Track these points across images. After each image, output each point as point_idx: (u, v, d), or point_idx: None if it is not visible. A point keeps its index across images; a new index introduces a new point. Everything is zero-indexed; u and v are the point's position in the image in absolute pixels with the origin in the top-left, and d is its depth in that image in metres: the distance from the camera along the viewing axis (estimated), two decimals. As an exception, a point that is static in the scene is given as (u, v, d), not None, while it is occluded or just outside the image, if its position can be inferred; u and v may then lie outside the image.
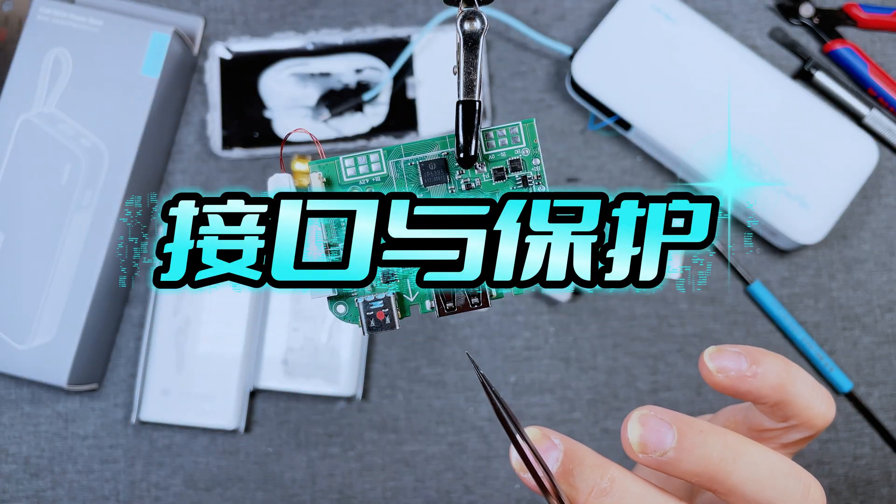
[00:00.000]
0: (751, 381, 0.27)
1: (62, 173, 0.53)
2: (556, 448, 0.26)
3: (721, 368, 0.27)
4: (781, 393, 0.27)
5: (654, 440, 0.25)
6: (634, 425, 0.26)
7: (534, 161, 0.30)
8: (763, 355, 0.27)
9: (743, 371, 0.27)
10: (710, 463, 0.25)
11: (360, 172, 0.30)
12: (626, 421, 0.26)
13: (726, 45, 0.57)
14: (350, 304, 0.30)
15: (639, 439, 0.26)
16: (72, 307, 0.53)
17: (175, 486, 0.56)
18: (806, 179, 0.55)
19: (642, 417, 0.26)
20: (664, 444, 0.25)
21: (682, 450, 0.25)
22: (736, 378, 0.27)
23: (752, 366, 0.27)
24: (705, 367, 0.27)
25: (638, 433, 0.26)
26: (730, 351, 0.27)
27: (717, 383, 0.27)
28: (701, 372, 0.28)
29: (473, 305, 0.29)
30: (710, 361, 0.27)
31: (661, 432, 0.25)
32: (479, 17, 0.29)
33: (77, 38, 0.54)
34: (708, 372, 0.27)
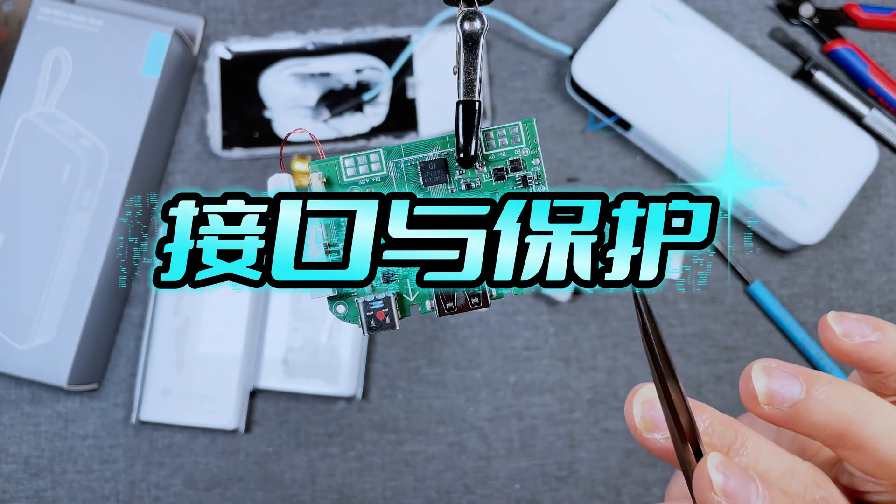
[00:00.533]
0: (875, 346, 0.26)
1: (62, 173, 0.53)
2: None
3: (847, 332, 0.26)
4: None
5: (782, 391, 0.24)
6: (759, 375, 0.25)
7: (534, 161, 0.30)
8: (884, 323, 0.26)
9: (867, 336, 0.26)
10: (843, 415, 0.24)
11: (360, 172, 0.30)
12: (747, 372, 0.25)
13: (726, 45, 0.57)
14: (350, 304, 0.30)
15: (766, 390, 0.24)
16: (72, 307, 0.53)
17: (175, 486, 0.56)
18: (806, 179, 0.55)
19: (766, 368, 0.25)
20: (793, 395, 0.24)
21: (814, 400, 0.24)
22: (861, 344, 0.26)
23: (875, 331, 0.26)
24: (829, 331, 0.26)
25: (763, 383, 0.24)
26: (851, 318, 0.26)
27: (841, 348, 0.26)
28: (822, 336, 0.26)
29: (473, 305, 0.29)
30: (835, 325, 0.26)
31: (787, 383, 0.24)
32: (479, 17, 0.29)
33: (77, 38, 0.54)
34: (833, 335, 0.26)
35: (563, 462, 0.56)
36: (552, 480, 0.56)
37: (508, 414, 0.57)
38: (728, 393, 0.57)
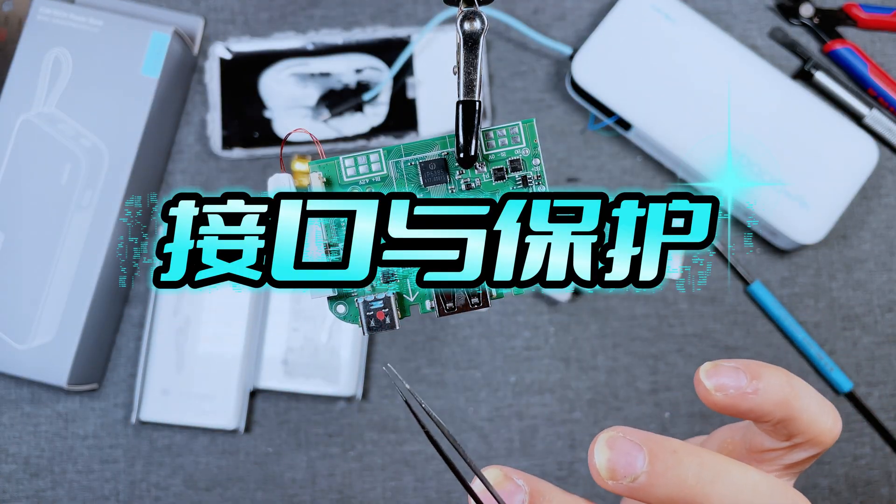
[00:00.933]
0: (752, 398, 0.25)
1: (62, 173, 0.53)
2: (521, 490, 0.24)
3: (719, 386, 0.25)
4: (785, 409, 0.25)
5: (624, 464, 0.23)
6: (602, 449, 0.23)
7: (534, 161, 0.30)
8: (763, 368, 0.25)
9: (743, 388, 0.25)
10: (686, 486, 0.23)
11: (360, 172, 0.30)
12: (592, 445, 0.24)
13: (726, 45, 0.57)
14: (350, 304, 0.30)
15: (606, 464, 0.23)
16: (72, 307, 0.53)
17: (175, 486, 0.56)
18: (806, 179, 0.55)
19: (610, 440, 0.23)
20: (634, 468, 0.23)
21: (655, 473, 0.23)
22: (736, 396, 0.25)
23: (752, 381, 0.25)
24: (702, 386, 0.25)
25: (605, 457, 0.23)
26: (726, 367, 0.25)
27: (716, 403, 0.25)
28: (697, 391, 0.26)
29: (473, 305, 0.29)
30: (706, 379, 0.25)
31: (630, 455, 0.23)
32: (479, 17, 0.29)
33: (77, 38, 0.54)
34: (705, 391, 0.25)
35: (563, 462, 0.56)
36: (552, 480, 0.56)
37: (508, 414, 0.57)
38: (728, 393, 0.57)
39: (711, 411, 0.56)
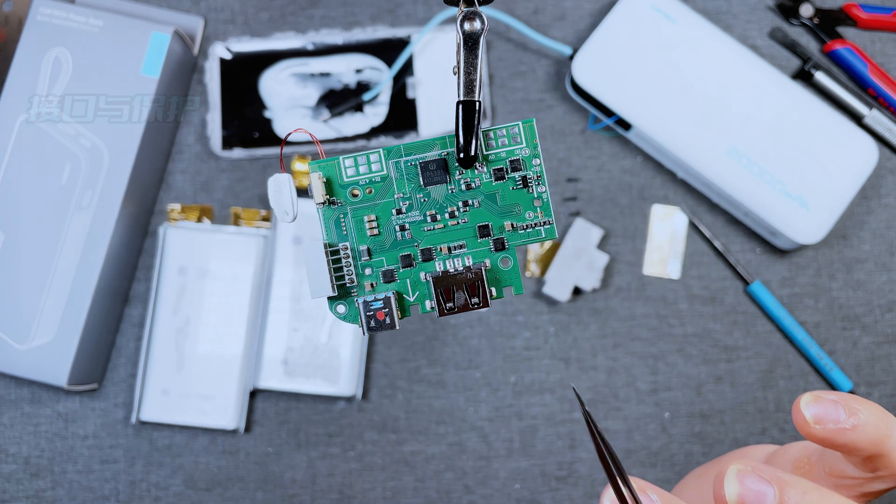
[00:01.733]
0: (849, 434, 0.25)
1: (62, 173, 0.53)
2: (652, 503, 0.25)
3: (818, 419, 0.26)
4: (878, 446, 0.26)
5: (754, 500, 0.24)
6: (732, 482, 0.24)
7: (534, 161, 0.30)
8: (862, 405, 0.26)
9: (841, 423, 0.25)
10: None
11: (360, 172, 0.30)
12: (721, 477, 0.24)
13: (726, 45, 0.57)
14: (350, 304, 0.30)
15: (737, 498, 0.24)
16: (72, 307, 0.53)
17: (175, 486, 0.56)
18: (806, 179, 0.55)
19: (741, 473, 0.24)
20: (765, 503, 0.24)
21: None
22: (834, 431, 0.25)
23: (850, 417, 0.25)
24: (801, 416, 0.26)
25: (735, 491, 0.24)
26: (827, 399, 0.26)
27: (814, 435, 0.26)
28: (795, 420, 0.26)
29: (473, 305, 0.29)
30: (806, 410, 0.26)
31: (760, 492, 0.24)
32: (479, 17, 0.29)
33: (77, 38, 0.54)
34: (804, 422, 0.26)
35: (563, 462, 0.56)
36: (552, 480, 0.56)
37: (508, 414, 0.57)
38: (728, 393, 0.57)
39: (711, 412, 0.56)
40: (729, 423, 0.57)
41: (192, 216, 0.57)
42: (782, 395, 0.57)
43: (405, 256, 0.30)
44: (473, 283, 0.29)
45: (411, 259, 0.30)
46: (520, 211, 0.30)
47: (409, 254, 0.30)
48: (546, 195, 0.30)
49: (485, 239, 0.30)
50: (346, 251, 0.30)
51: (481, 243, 0.30)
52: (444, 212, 0.30)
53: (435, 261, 0.30)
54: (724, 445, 0.56)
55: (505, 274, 0.30)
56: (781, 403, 0.57)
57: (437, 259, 0.30)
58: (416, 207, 0.30)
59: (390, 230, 0.30)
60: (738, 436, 0.57)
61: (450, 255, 0.30)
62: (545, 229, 0.30)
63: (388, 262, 0.30)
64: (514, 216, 0.30)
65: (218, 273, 0.56)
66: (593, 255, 0.57)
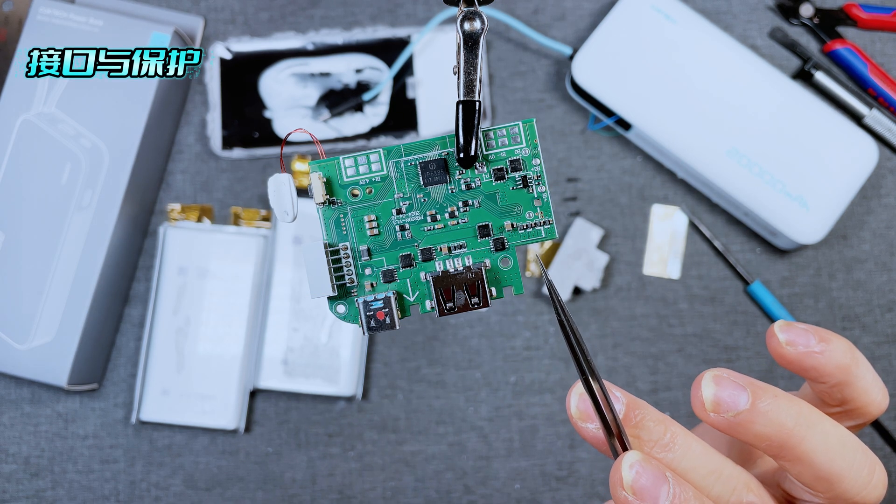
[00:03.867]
0: (818, 357, 0.27)
1: (62, 173, 0.53)
2: (619, 400, 0.26)
3: (790, 341, 0.27)
4: (844, 373, 0.27)
5: (728, 400, 0.25)
6: (709, 383, 0.26)
7: (534, 161, 0.30)
8: (831, 335, 0.27)
9: (811, 346, 0.27)
10: (784, 428, 0.25)
11: (360, 172, 0.30)
12: (699, 380, 0.26)
13: (726, 45, 0.57)
14: (350, 304, 0.30)
15: (713, 398, 0.25)
16: (72, 307, 0.53)
17: (175, 486, 0.56)
18: (806, 179, 0.55)
19: (716, 377, 0.26)
20: (738, 404, 0.25)
21: (757, 412, 0.25)
22: (804, 353, 0.27)
23: (820, 342, 0.27)
24: (775, 339, 0.27)
25: (712, 391, 0.26)
26: (799, 327, 0.27)
27: (784, 355, 0.27)
28: (769, 343, 0.28)
29: (473, 305, 0.29)
30: (780, 333, 0.27)
31: (735, 393, 0.25)
32: (479, 17, 0.29)
33: (77, 38, 0.54)
34: (777, 343, 0.27)
35: (563, 462, 0.56)
36: (552, 480, 0.56)
37: (508, 414, 0.57)
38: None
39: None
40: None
41: (192, 216, 0.57)
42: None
43: (405, 256, 0.30)
44: (473, 283, 0.29)
45: (411, 259, 0.30)
46: (520, 211, 0.30)
47: (409, 254, 0.30)
48: (546, 195, 0.30)
49: (485, 239, 0.30)
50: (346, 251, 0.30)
51: (481, 243, 0.30)
52: (444, 212, 0.30)
53: (435, 261, 0.30)
54: (724, 445, 0.56)
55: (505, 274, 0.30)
56: (781, 403, 0.57)
57: (437, 259, 0.30)
58: (416, 207, 0.30)
59: (390, 230, 0.30)
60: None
61: (450, 255, 0.30)
62: (545, 229, 0.30)
63: (388, 262, 0.30)
64: (514, 216, 0.30)
65: (218, 273, 0.56)
66: (593, 255, 0.57)
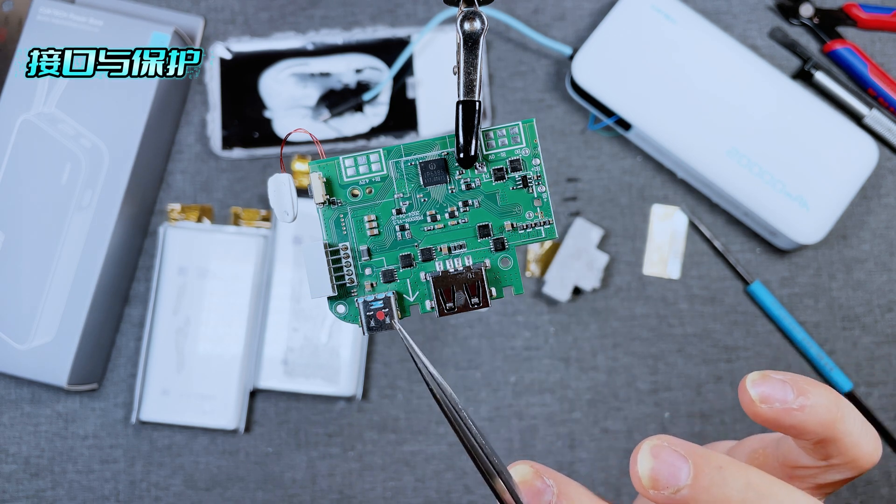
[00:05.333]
0: (797, 414, 0.24)
1: (62, 173, 0.53)
2: (549, 489, 0.24)
3: (764, 398, 0.24)
4: (829, 430, 0.25)
5: (667, 475, 0.23)
6: (645, 457, 0.23)
7: (534, 161, 0.30)
8: (812, 386, 0.24)
9: (789, 402, 0.24)
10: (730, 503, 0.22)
11: (360, 172, 0.30)
12: (636, 452, 0.23)
13: (726, 45, 0.57)
14: (350, 304, 0.30)
15: (650, 473, 0.23)
16: (72, 307, 0.53)
17: (175, 486, 0.56)
18: (806, 179, 0.55)
19: (654, 449, 0.23)
20: (678, 480, 0.22)
21: (699, 488, 0.22)
22: (781, 411, 0.24)
23: (799, 397, 0.24)
24: (746, 395, 0.25)
25: (649, 466, 0.23)
26: (775, 378, 0.25)
27: (759, 414, 0.25)
28: (741, 399, 0.25)
29: (473, 305, 0.29)
30: (752, 388, 0.25)
31: (674, 466, 0.23)
32: (479, 17, 0.29)
33: (77, 38, 0.54)
34: (750, 401, 0.25)
35: (563, 462, 0.56)
36: (552, 480, 0.56)
37: (508, 414, 0.57)
38: (728, 393, 0.57)
39: (711, 412, 0.56)
40: (729, 423, 0.57)
41: (192, 216, 0.57)
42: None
43: (405, 256, 0.30)
44: (473, 283, 0.29)
45: (411, 259, 0.30)
46: (520, 211, 0.30)
47: (409, 254, 0.30)
48: (546, 195, 0.30)
49: (485, 239, 0.30)
50: (346, 251, 0.30)
51: (481, 243, 0.30)
52: (444, 212, 0.30)
53: (435, 261, 0.30)
54: (724, 445, 0.56)
55: (505, 274, 0.30)
56: (781, 403, 0.57)
57: (437, 259, 0.30)
58: (416, 207, 0.30)
59: (390, 230, 0.30)
60: (738, 436, 0.57)
61: (450, 255, 0.30)
62: (545, 229, 0.30)
63: (388, 262, 0.30)
64: (514, 216, 0.30)
65: (218, 273, 0.56)
66: (593, 255, 0.57)
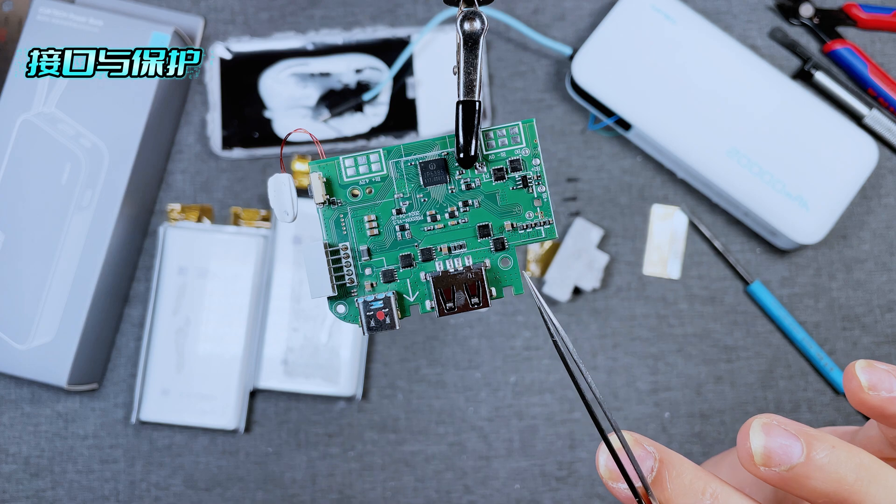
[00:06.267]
0: None
1: (62, 173, 0.53)
2: (650, 456, 0.24)
3: (873, 385, 0.24)
4: None
5: (781, 453, 0.22)
6: (757, 433, 0.23)
7: (534, 161, 0.30)
8: None
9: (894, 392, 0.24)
10: (844, 483, 0.22)
11: (360, 172, 0.30)
12: (746, 428, 0.23)
13: (726, 46, 0.57)
14: (350, 304, 0.30)
15: (763, 450, 0.23)
16: (72, 307, 0.53)
17: (175, 486, 0.56)
18: (806, 179, 0.55)
19: (766, 426, 0.23)
20: (791, 457, 0.22)
21: (813, 465, 0.22)
22: (888, 399, 0.24)
23: None
24: (855, 381, 0.24)
25: (762, 442, 0.23)
26: (881, 368, 0.24)
27: (866, 401, 0.24)
28: (848, 386, 0.25)
29: (473, 305, 0.29)
30: (861, 374, 0.24)
31: (787, 444, 0.23)
32: (479, 17, 0.29)
33: (77, 38, 0.54)
34: (858, 387, 0.24)
35: (563, 462, 0.56)
36: (552, 480, 0.56)
37: (508, 414, 0.57)
38: (727, 393, 0.57)
39: (711, 412, 0.56)
40: (729, 423, 0.57)
41: (192, 216, 0.57)
42: (782, 395, 0.57)
43: (405, 256, 0.30)
44: (473, 283, 0.29)
45: (411, 259, 0.30)
46: (520, 211, 0.30)
47: (409, 254, 0.30)
48: (546, 195, 0.30)
49: (485, 239, 0.30)
50: (346, 251, 0.30)
51: (481, 243, 0.30)
52: (444, 212, 0.30)
53: (435, 261, 0.30)
54: (723, 445, 0.56)
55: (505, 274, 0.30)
56: (781, 403, 0.57)
57: (437, 259, 0.30)
58: (416, 207, 0.30)
59: (390, 230, 0.30)
60: (738, 436, 0.57)
61: (450, 255, 0.30)
62: (545, 229, 0.30)
63: (388, 262, 0.30)
64: (514, 216, 0.30)
65: (218, 273, 0.56)
66: (593, 255, 0.57)
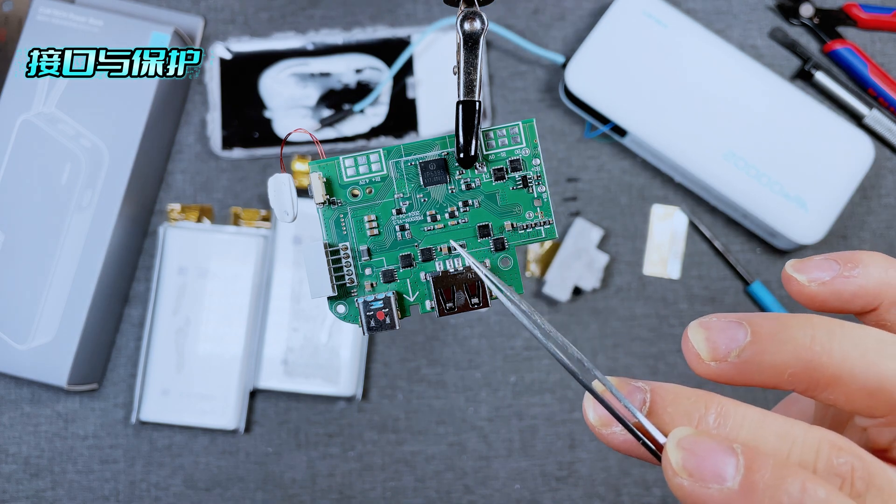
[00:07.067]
0: (855, 280, 0.22)
1: (62, 173, 0.53)
2: (641, 390, 0.21)
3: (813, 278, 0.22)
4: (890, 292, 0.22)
5: (726, 339, 0.21)
6: (696, 330, 0.21)
7: (534, 161, 0.30)
8: (855, 254, 0.22)
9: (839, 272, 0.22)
10: (802, 347, 0.20)
11: (360, 172, 0.30)
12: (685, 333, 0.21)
13: (719, 49, 0.57)
14: (350, 304, 0.30)
15: (706, 343, 0.21)
16: (72, 307, 0.53)
17: (175, 486, 0.56)
18: (803, 180, 0.55)
19: (703, 322, 0.21)
20: (738, 340, 0.20)
21: (763, 339, 0.20)
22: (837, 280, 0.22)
23: (847, 264, 0.22)
24: (794, 282, 0.22)
25: (703, 336, 0.21)
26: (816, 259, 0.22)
27: (813, 295, 0.22)
28: (789, 288, 0.22)
29: (473, 305, 0.29)
30: (797, 273, 0.22)
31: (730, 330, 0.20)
32: (479, 17, 0.29)
33: (77, 38, 0.54)
34: (798, 285, 0.22)
35: (563, 462, 0.56)
36: (552, 480, 0.56)
37: (508, 414, 0.57)
38: (727, 393, 0.57)
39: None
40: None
41: (192, 216, 0.57)
42: (782, 394, 0.57)
43: (405, 256, 0.30)
44: (473, 283, 0.29)
45: (411, 259, 0.30)
46: (520, 211, 0.30)
47: (409, 254, 0.30)
48: (546, 195, 0.30)
49: (485, 239, 0.30)
50: (346, 251, 0.30)
51: (481, 243, 0.30)
52: (444, 212, 0.30)
53: (435, 261, 0.30)
54: (723, 445, 0.56)
55: (505, 274, 0.30)
56: (781, 403, 0.57)
57: (437, 259, 0.30)
58: (416, 207, 0.30)
59: (390, 230, 0.30)
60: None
61: (450, 255, 0.30)
62: (545, 229, 0.30)
63: (388, 262, 0.30)
64: (514, 216, 0.30)
65: (218, 273, 0.56)
66: (593, 255, 0.57)
